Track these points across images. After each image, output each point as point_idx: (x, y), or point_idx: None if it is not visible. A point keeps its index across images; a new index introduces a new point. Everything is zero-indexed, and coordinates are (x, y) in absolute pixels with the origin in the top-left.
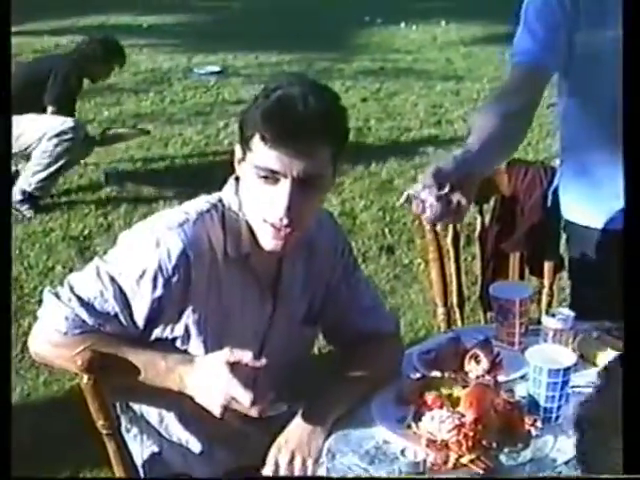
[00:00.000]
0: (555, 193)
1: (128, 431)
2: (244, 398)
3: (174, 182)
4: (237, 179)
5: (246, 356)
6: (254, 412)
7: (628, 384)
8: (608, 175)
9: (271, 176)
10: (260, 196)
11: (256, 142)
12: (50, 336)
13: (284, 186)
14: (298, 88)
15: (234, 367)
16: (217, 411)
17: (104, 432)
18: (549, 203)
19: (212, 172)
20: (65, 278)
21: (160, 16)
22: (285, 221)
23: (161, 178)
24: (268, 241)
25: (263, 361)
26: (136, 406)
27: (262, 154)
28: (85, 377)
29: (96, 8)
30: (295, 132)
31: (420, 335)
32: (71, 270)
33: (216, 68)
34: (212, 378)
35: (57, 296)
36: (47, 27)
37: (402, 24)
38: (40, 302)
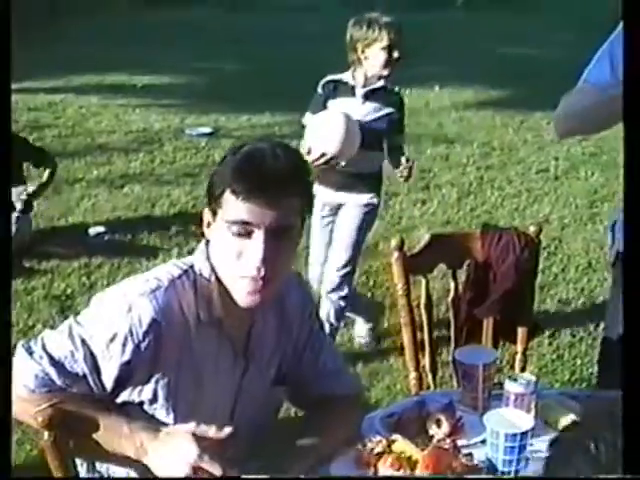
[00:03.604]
0: None
1: None
2: (214, 468)
3: (159, 243)
4: (207, 244)
5: (211, 430)
6: None
7: (628, 385)
8: None
9: (244, 229)
10: (234, 252)
11: (227, 198)
12: (17, 390)
13: (258, 237)
14: (265, 144)
15: (200, 439)
16: None
17: None
18: (522, 269)
19: (199, 234)
20: None
21: (155, 76)
22: (262, 272)
23: (146, 238)
24: (244, 297)
25: (228, 430)
26: (103, 468)
27: (234, 208)
28: (46, 434)
29: (91, 67)
30: (266, 183)
31: (397, 399)
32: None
33: (207, 129)
34: (177, 449)
35: (29, 351)
36: (42, 85)
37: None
38: None
